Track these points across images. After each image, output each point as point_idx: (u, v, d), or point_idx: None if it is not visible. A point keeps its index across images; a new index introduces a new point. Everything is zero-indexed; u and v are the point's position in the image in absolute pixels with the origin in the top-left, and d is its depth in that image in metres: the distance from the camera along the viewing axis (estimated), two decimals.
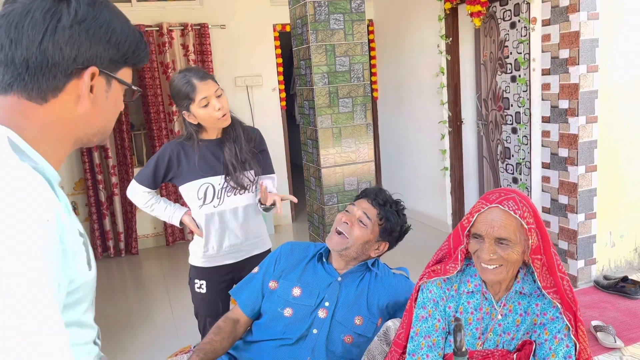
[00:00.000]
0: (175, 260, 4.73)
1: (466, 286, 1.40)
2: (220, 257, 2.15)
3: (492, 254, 1.29)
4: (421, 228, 5.22)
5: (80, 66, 0.78)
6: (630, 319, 3.00)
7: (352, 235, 1.67)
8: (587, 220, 3.38)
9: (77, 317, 0.79)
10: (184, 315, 3.41)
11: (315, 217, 3.24)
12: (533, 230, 1.29)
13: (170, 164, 2.07)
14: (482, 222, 1.31)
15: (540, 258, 1.31)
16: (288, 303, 1.69)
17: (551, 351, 1.31)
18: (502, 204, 1.29)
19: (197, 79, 1.98)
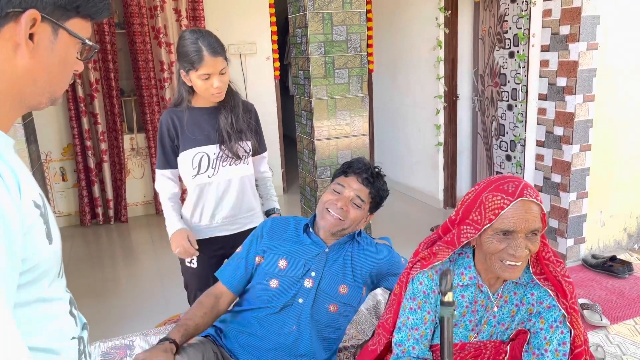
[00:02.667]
0: (165, 229, 4.70)
1: (460, 279, 1.35)
2: (212, 229, 2.12)
3: (526, 248, 1.23)
4: (412, 203, 5.22)
5: (18, 8, 0.68)
6: (616, 297, 3.04)
7: (348, 218, 1.67)
8: (578, 199, 3.38)
9: (39, 293, 0.74)
10: (173, 285, 3.40)
11: (307, 190, 3.21)
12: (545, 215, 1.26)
13: (170, 134, 2.04)
14: (512, 217, 1.21)
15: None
16: (274, 275, 1.69)
17: (546, 340, 1.30)
18: (524, 194, 1.22)
19: (208, 52, 1.88)
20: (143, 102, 4.82)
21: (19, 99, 0.75)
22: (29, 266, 0.69)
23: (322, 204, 1.70)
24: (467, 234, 1.30)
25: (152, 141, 4.91)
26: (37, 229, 0.71)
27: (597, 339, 2.63)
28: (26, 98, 0.76)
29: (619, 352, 2.52)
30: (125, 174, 4.94)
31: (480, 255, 1.32)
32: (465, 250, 1.37)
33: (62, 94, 0.82)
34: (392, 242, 1.97)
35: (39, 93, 0.76)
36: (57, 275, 0.80)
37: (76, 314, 0.85)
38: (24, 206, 0.69)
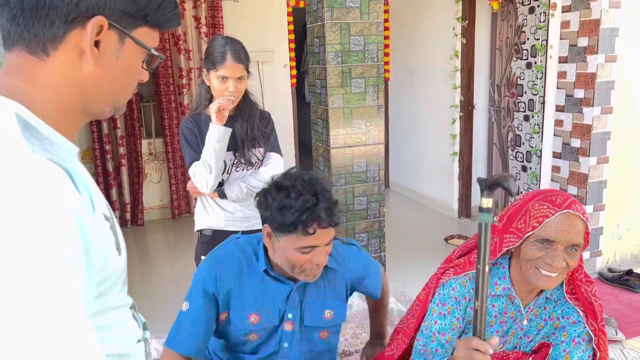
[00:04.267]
0: (181, 233, 4.75)
1: (493, 289, 1.35)
2: (224, 220, 2.14)
3: (564, 260, 1.23)
4: (427, 212, 5.21)
5: (84, 14, 0.67)
6: (633, 312, 3.00)
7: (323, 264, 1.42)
8: (595, 212, 3.35)
9: (110, 302, 0.75)
10: (187, 287, 3.43)
11: None
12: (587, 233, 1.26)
13: (194, 134, 2.08)
14: (556, 227, 1.22)
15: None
16: (249, 331, 1.52)
17: (565, 353, 1.29)
18: (572, 208, 1.23)
19: (231, 57, 1.97)
20: (162, 107, 4.90)
21: (83, 106, 0.74)
22: (103, 277, 0.70)
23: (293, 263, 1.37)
24: (509, 242, 1.30)
25: (170, 146, 4.97)
26: (108, 242, 0.71)
27: (612, 353, 2.60)
28: (90, 106, 0.75)
29: None
30: (142, 177, 5.02)
31: (516, 264, 1.32)
32: (500, 261, 1.37)
33: (126, 102, 0.82)
34: (406, 250, 1.96)
35: (103, 101, 0.76)
36: (124, 282, 0.81)
37: (137, 316, 0.86)
38: (98, 221, 0.69)
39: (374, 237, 3.23)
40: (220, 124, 1.97)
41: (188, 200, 5.13)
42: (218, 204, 2.14)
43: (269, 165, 2.14)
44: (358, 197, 3.11)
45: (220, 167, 2.01)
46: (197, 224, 2.22)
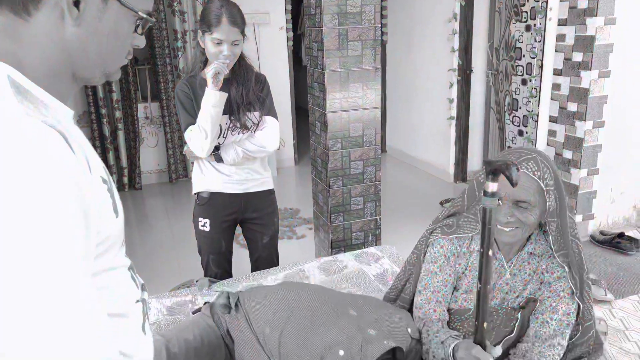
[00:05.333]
0: (178, 197, 4.78)
1: (477, 244, 1.40)
2: (222, 183, 2.16)
3: (510, 216, 1.26)
4: (423, 177, 5.24)
5: None
6: (622, 273, 3.07)
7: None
8: (589, 176, 3.38)
9: (108, 264, 0.77)
10: (187, 251, 3.49)
11: (318, 162, 3.25)
12: (552, 192, 1.26)
13: (189, 98, 2.07)
14: (502, 183, 1.23)
15: (556, 221, 1.30)
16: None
17: (552, 308, 1.33)
18: (520, 165, 1.25)
19: (227, 20, 1.94)
20: (157, 70, 4.85)
21: (71, 70, 0.73)
22: (100, 240, 0.71)
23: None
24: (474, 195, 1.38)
25: (166, 110, 4.95)
26: (105, 205, 0.72)
27: (600, 313, 2.67)
28: (79, 70, 0.73)
29: (621, 327, 2.57)
30: (139, 142, 5.01)
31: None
32: None
33: (118, 68, 0.79)
34: (402, 214, 1.99)
35: (91, 66, 0.74)
36: (121, 244, 0.82)
37: (135, 277, 0.87)
38: (95, 183, 0.69)
39: (369, 201, 3.26)
40: (216, 88, 1.96)
41: (185, 164, 5.14)
42: (215, 167, 2.15)
43: (264, 129, 2.14)
44: (354, 162, 3.12)
45: (216, 132, 2.01)
46: (194, 187, 2.24)
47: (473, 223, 1.41)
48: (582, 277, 1.34)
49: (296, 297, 1.55)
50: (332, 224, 3.20)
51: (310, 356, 1.29)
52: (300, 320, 1.41)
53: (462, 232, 1.42)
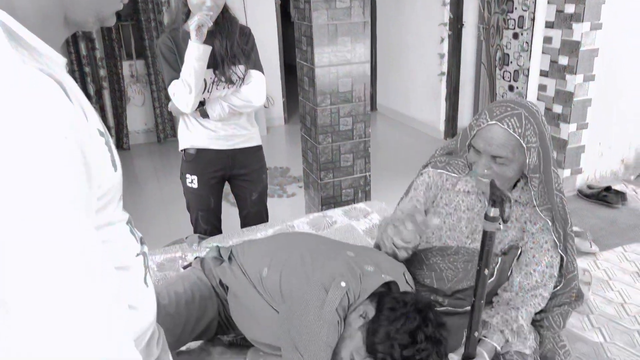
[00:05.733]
0: (167, 156, 4.74)
1: (464, 185, 1.42)
2: (209, 140, 2.14)
3: (487, 169, 1.28)
4: (413, 134, 5.22)
5: None
6: (608, 226, 3.11)
7: None
8: (578, 130, 3.38)
9: (108, 218, 0.76)
10: (176, 209, 3.48)
11: (307, 119, 3.22)
12: (533, 149, 1.26)
13: (172, 52, 2.02)
14: (481, 137, 1.28)
15: (538, 177, 1.30)
16: None
17: (534, 259, 1.35)
18: (502, 121, 1.24)
19: None
20: (141, 27, 4.72)
21: (63, 13, 0.70)
22: (101, 193, 0.70)
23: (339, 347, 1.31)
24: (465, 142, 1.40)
25: (152, 68, 4.84)
26: (105, 157, 0.71)
27: (586, 265, 2.73)
28: (71, 13, 0.71)
29: (605, 277, 2.63)
30: (125, 101, 4.92)
31: None
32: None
33: (113, 13, 0.77)
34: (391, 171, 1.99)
35: (83, 9, 0.71)
36: (119, 199, 0.81)
37: (134, 231, 0.87)
38: (93, 135, 0.68)
39: (359, 158, 3.25)
40: (200, 41, 1.90)
41: (173, 123, 5.07)
42: (200, 123, 2.12)
43: (250, 83, 2.10)
44: (343, 118, 3.09)
45: (200, 87, 1.97)
46: (180, 143, 2.21)
47: (462, 166, 1.44)
48: (566, 231, 1.35)
49: (293, 242, 1.55)
50: (322, 181, 3.20)
51: (314, 289, 1.29)
52: (299, 259, 1.40)
53: (450, 171, 1.45)
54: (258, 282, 1.43)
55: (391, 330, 1.15)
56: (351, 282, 1.29)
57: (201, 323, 1.53)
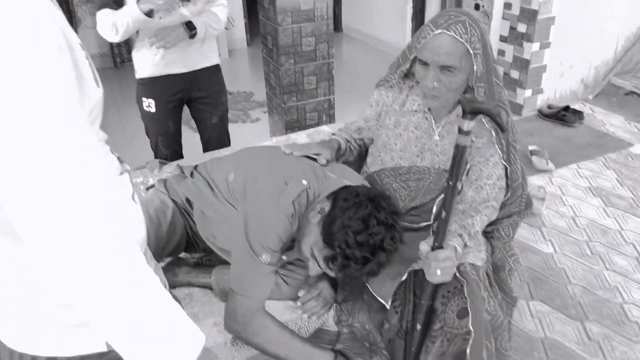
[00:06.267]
0: (125, 81, 4.57)
1: (411, 105, 1.41)
2: (164, 65, 2.06)
3: (436, 82, 1.26)
4: (379, 56, 5.14)
5: None
6: (564, 145, 3.21)
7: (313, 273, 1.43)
8: (541, 49, 3.38)
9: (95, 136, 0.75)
10: (136, 135, 3.40)
11: (269, 39, 3.11)
12: (479, 55, 1.24)
13: None
14: (428, 48, 1.24)
15: (483, 86, 1.29)
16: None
17: (483, 173, 1.38)
18: (449, 29, 1.22)
19: None
20: None
21: None
22: (89, 108, 0.69)
23: (298, 245, 1.38)
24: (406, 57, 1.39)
25: None
26: (88, 73, 0.70)
27: (541, 181, 2.83)
28: None
29: (559, 192, 2.74)
30: (76, 22, 4.64)
31: None
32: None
33: None
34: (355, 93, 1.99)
35: None
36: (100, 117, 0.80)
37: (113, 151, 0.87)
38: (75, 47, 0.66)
39: (323, 80, 3.20)
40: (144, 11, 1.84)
41: (130, 47, 4.84)
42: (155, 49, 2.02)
43: (220, 6, 2.09)
44: (306, 38, 3.01)
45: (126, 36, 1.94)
46: (137, 72, 2.13)
47: (399, 79, 1.44)
48: (509, 140, 1.37)
49: (259, 151, 1.55)
50: (286, 105, 3.16)
51: (274, 180, 1.31)
52: (267, 162, 1.41)
53: (387, 85, 1.47)
54: (225, 189, 1.44)
55: (345, 218, 1.17)
56: (313, 182, 1.32)
57: (170, 244, 1.54)
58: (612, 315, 1.96)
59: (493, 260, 1.45)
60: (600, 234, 2.41)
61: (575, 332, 1.90)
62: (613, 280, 2.13)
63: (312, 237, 1.25)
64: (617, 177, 2.85)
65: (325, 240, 1.21)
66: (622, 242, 2.35)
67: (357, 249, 1.15)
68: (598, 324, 1.93)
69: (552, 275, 2.17)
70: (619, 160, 3.01)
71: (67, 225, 0.57)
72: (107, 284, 0.60)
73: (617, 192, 2.72)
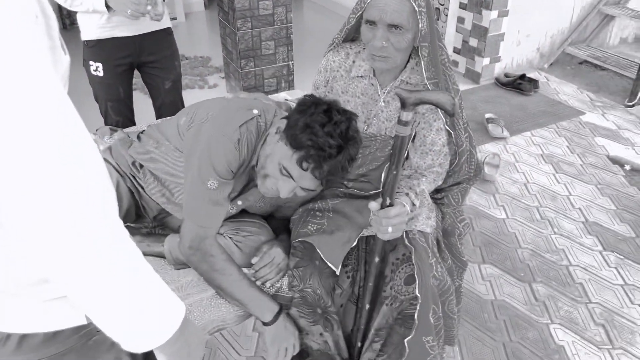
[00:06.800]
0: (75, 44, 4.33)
1: (357, 70, 1.39)
2: (110, 28, 1.97)
3: (385, 41, 1.23)
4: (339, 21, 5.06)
5: None
6: (519, 113, 3.27)
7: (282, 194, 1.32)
8: (499, 17, 3.40)
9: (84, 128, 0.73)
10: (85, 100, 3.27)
11: (225, 2, 3.01)
12: (424, 14, 1.23)
13: None
14: (375, 6, 1.22)
15: (427, 46, 1.27)
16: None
17: (427, 139, 1.37)
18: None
19: None
20: None
21: None
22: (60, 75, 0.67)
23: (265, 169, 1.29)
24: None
25: None
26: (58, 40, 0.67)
27: (496, 148, 2.88)
28: None
29: (512, 160, 2.80)
30: None
31: None
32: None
33: None
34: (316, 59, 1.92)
35: None
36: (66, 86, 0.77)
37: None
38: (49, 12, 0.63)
39: (281, 45, 3.13)
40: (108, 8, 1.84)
41: None
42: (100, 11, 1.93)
43: None
44: (263, 1, 2.92)
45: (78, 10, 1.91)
46: (82, 34, 2.02)
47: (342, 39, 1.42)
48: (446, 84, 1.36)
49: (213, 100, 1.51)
50: (243, 70, 3.08)
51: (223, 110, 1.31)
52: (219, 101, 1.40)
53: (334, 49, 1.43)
54: (175, 136, 1.41)
55: (306, 119, 1.19)
56: (264, 112, 1.32)
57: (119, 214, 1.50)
58: (558, 277, 2.05)
59: (443, 226, 1.48)
60: (550, 199, 2.49)
61: (523, 294, 1.97)
62: (560, 244, 2.21)
63: (278, 153, 1.24)
64: (568, 145, 2.93)
65: (293, 145, 1.20)
66: (569, 207, 2.44)
67: (327, 138, 1.17)
68: (545, 285, 2.01)
69: (503, 239, 2.24)
70: (570, 128, 3.10)
71: (62, 220, 0.56)
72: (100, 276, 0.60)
73: (567, 159, 2.80)
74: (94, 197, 0.59)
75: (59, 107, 0.57)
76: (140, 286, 0.65)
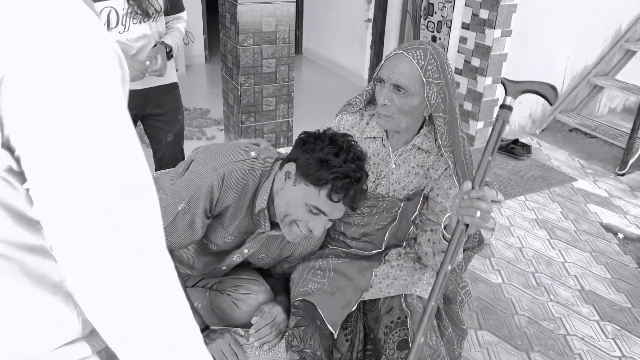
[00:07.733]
0: None
1: (371, 131, 1.43)
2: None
3: (387, 100, 1.28)
4: (338, 80, 5.20)
5: None
6: (513, 177, 3.32)
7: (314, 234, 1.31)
8: (494, 84, 3.51)
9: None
10: None
11: (229, 58, 3.09)
12: (434, 85, 1.27)
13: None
14: (386, 66, 1.29)
15: (444, 117, 1.31)
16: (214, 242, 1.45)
17: (443, 205, 1.39)
18: (408, 51, 1.27)
19: None
20: None
21: None
22: None
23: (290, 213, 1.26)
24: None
25: None
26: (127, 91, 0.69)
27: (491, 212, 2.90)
28: None
29: (507, 224, 2.82)
30: None
31: None
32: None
33: None
34: (315, 116, 1.97)
35: None
36: None
37: None
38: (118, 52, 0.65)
39: (282, 102, 3.20)
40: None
41: None
42: None
43: (182, 22, 2.12)
44: (266, 60, 3.00)
45: None
46: None
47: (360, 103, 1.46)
48: (465, 173, 1.39)
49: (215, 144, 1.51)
50: (243, 125, 3.13)
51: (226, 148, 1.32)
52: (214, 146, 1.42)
53: (350, 111, 1.47)
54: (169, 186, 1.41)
55: (318, 155, 1.21)
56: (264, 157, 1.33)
57: None
58: (555, 346, 2.02)
59: (445, 293, 1.46)
60: (546, 265, 2.49)
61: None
62: (557, 312, 2.19)
63: (301, 196, 1.23)
64: (561, 211, 2.96)
65: (316, 184, 1.21)
66: (565, 274, 2.43)
67: (347, 164, 1.20)
68: (543, 355, 1.97)
69: (499, 305, 2.21)
70: (563, 194, 3.14)
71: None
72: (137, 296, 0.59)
73: (561, 225, 2.82)
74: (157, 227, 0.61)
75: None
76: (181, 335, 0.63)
